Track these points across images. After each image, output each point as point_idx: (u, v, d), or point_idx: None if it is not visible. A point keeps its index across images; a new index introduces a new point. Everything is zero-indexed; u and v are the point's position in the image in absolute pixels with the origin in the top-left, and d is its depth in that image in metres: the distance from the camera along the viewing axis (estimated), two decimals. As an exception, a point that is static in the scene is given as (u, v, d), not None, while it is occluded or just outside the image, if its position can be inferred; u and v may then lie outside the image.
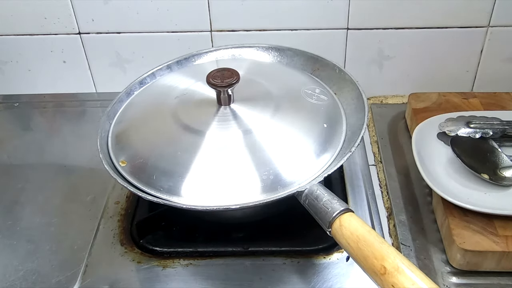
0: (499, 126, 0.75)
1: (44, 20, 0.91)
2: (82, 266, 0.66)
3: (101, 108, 0.96)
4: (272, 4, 0.87)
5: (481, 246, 0.60)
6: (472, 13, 0.86)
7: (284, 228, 0.68)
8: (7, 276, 0.65)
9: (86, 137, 0.87)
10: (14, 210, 0.75)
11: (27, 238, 0.70)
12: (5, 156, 0.87)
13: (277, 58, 0.82)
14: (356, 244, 0.50)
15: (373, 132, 0.88)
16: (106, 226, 0.71)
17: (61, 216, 0.73)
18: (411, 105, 0.85)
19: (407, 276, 0.46)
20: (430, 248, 0.66)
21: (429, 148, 0.74)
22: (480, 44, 0.90)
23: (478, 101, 0.85)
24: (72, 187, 0.79)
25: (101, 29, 0.92)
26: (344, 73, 0.74)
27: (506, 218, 0.63)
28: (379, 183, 0.78)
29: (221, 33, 0.91)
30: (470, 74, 0.94)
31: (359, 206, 0.72)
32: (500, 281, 0.61)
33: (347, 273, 0.63)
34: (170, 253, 0.67)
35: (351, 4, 0.86)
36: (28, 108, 0.98)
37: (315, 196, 0.55)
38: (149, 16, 0.90)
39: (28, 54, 0.96)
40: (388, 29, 0.89)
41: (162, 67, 0.80)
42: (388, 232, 0.70)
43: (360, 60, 0.93)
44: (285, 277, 0.63)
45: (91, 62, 0.97)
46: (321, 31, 0.90)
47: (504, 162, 0.70)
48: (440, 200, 0.67)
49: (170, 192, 0.60)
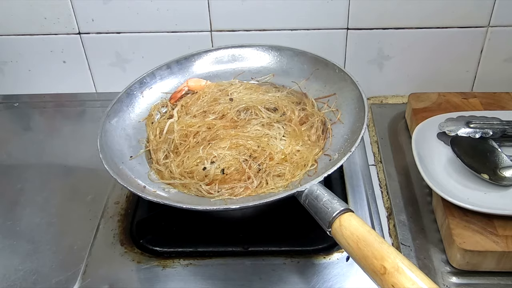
0: (499, 126, 0.75)
1: (44, 20, 0.91)
2: (82, 266, 0.66)
3: (101, 108, 0.96)
4: (272, 4, 0.87)
5: (481, 246, 0.60)
6: (472, 13, 0.86)
7: (284, 228, 0.68)
8: (7, 276, 0.65)
9: (86, 137, 0.87)
10: (14, 210, 0.75)
11: (27, 238, 0.70)
12: (5, 156, 0.87)
13: (277, 58, 0.82)
14: (356, 244, 0.50)
15: (373, 132, 0.88)
16: (106, 226, 0.71)
17: (61, 216, 0.73)
18: (411, 105, 0.85)
19: (407, 276, 0.46)
20: (430, 248, 0.66)
21: (429, 148, 0.74)
22: (480, 44, 0.90)
23: (478, 101, 0.85)
24: (72, 187, 0.79)
25: (101, 29, 0.92)
26: (344, 73, 0.74)
27: (506, 218, 0.63)
28: (379, 183, 0.78)
29: (221, 33, 0.91)
30: (470, 74, 0.94)
31: (359, 206, 0.72)
32: (500, 281, 0.61)
33: (347, 273, 0.63)
34: (170, 253, 0.67)
35: (351, 4, 0.86)
36: (28, 108, 0.98)
37: (315, 196, 0.55)
38: (149, 16, 0.90)
39: (28, 54, 0.96)
40: (388, 29, 0.89)
41: (162, 67, 0.80)
42: (388, 232, 0.70)
43: (360, 60, 0.93)
44: (285, 277, 0.63)
45: (91, 62, 0.97)
46: (321, 31, 0.90)
47: (504, 162, 0.70)
48: (440, 200, 0.67)
49: None
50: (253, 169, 0.64)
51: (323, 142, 0.70)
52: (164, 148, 0.71)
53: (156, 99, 0.79)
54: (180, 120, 0.74)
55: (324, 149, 0.68)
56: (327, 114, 0.74)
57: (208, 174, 0.64)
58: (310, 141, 0.70)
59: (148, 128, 0.75)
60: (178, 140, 0.71)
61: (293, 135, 0.70)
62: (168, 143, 0.71)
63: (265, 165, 0.65)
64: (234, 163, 0.65)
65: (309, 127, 0.72)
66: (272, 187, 0.63)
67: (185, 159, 0.67)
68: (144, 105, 0.78)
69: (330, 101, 0.75)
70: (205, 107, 0.76)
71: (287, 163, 0.65)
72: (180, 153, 0.69)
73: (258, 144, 0.67)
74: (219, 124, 0.72)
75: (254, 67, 0.83)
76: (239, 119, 0.73)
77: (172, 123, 0.74)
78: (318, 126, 0.72)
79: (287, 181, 0.63)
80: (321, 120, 0.73)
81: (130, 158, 0.70)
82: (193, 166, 0.66)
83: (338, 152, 0.66)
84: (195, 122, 0.73)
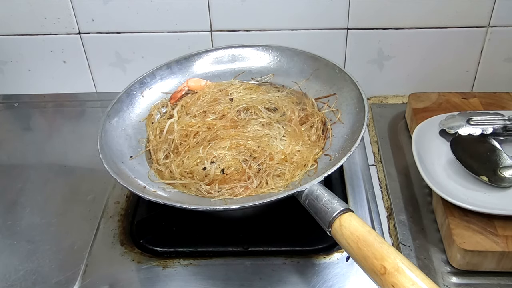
0: (500, 122, 0.74)
1: (44, 20, 0.91)
2: (82, 266, 0.66)
3: (101, 108, 0.96)
4: (272, 4, 0.87)
5: (481, 246, 0.60)
6: (472, 13, 0.86)
7: (284, 228, 0.68)
8: (7, 276, 0.65)
9: (86, 137, 0.87)
10: (14, 210, 0.75)
11: (27, 238, 0.70)
12: (5, 156, 0.87)
13: (277, 58, 0.82)
14: (356, 244, 0.50)
15: (373, 132, 0.88)
16: (106, 226, 0.71)
17: (61, 216, 0.73)
18: (411, 105, 0.85)
19: (407, 276, 0.46)
20: (430, 248, 0.66)
21: (429, 148, 0.74)
22: (480, 44, 0.90)
23: (478, 101, 0.85)
24: (72, 187, 0.79)
25: (101, 29, 0.92)
26: (344, 73, 0.74)
27: (506, 218, 0.63)
28: (379, 183, 0.78)
29: (221, 33, 0.91)
30: (470, 74, 0.94)
31: (359, 206, 0.72)
32: (500, 281, 0.61)
33: (347, 273, 0.63)
34: (170, 253, 0.67)
35: (351, 4, 0.86)
36: (28, 108, 0.98)
37: (315, 196, 0.55)
38: (149, 16, 0.90)
39: (28, 54, 0.96)
40: (388, 29, 0.89)
41: (162, 67, 0.80)
42: (388, 232, 0.70)
43: (360, 60, 0.93)
44: (285, 277, 0.63)
45: (91, 62, 0.97)
46: (321, 31, 0.90)
47: (504, 162, 0.70)
48: (440, 200, 0.66)
49: None
50: (253, 169, 0.64)
51: (323, 142, 0.70)
52: (164, 148, 0.71)
53: (156, 99, 0.79)
54: (180, 120, 0.74)
55: (324, 149, 0.68)
56: (327, 114, 0.74)
57: (208, 174, 0.64)
58: (310, 141, 0.70)
59: (148, 128, 0.75)
60: (178, 140, 0.71)
61: (293, 135, 0.70)
62: (168, 143, 0.71)
63: (265, 165, 0.65)
64: (234, 163, 0.65)
65: (309, 127, 0.72)
66: (272, 187, 0.63)
67: (185, 159, 0.67)
68: (144, 105, 0.78)
69: (330, 101, 0.75)
70: (205, 107, 0.76)
71: (287, 163, 0.65)
72: (180, 153, 0.69)
73: (258, 144, 0.67)
74: (219, 124, 0.71)
75: (254, 67, 0.83)
76: (239, 119, 0.73)
77: (172, 123, 0.74)
78: (318, 126, 0.72)
79: (287, 181, 0.63)
80: (321, 120, 0.73)
81: (130, 158, 0.70)
82: (193, 166, 0.66)
83: (338, 152, 0.66)
84: (195, 122, 0.73)
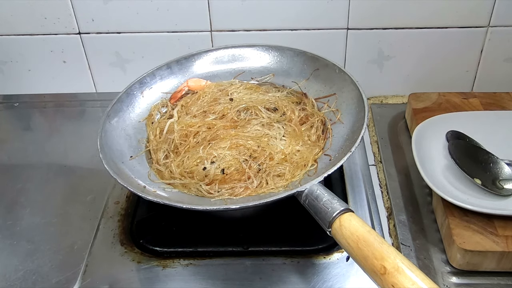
0: None
1: (44, 20, 0.91)
2: (82, 266, 0.66)
3: (101, 108, 0.96)
4: (272, 4, 0.87)
5: (481, 246, 0.60)
6: (472, 13, 0.86)
7: (284, 228, 0.68)
8: (7, 276, 0.65)
9: (86, 137, 0.87)
10: (14, 210, 0.75)
11: (27, 238, 0.70)
12: (5, 156, 0.87)
13: (277, 58, 0.82)
14: (356, 244, 0.50)
15: (373, 132, 0.88)
16: (106, 226, 0.71)
17: (61, 216, 0.73)
18: (411, 105, 0.85)
19: (407, 276, 0.46)
20: (430, 248, 0.66)
21: (429, 148, 0.74)
22: (480, 44, 0.90)
23: (478, 101, 0.85)
24: (72, 187, 0.79)
25: (101, 29, 0.92)
26: (344, 73, 0.74)
27: (506, 218, 0.63)
28: (379, 183, 0.78)
29: (221, 33, 0.91)
30: (470, 74, 0.94)
31: (359, 206, 0.72)
32: (500, 281, 0.61)
33: (347, 273, 0.63)
34: (170, 253, 0.67)
35: (351, 4, 0.86)
36: (28, 108, 0.98)
37: (315, 196, 0.55)
38: (149, 16, 0.90)
39: (28, 54, 0.96)
40: (388, 29, 0.89)
41: (162, 67, 0.80)
42: (388, 232, 0.70)
43: (360, 60, 0.93)
44: (285, 277, 0.63)
45: (91, 62, 0.97)
46: (321, 31, 0.90)
47: (504, 174, 0.68)
48: (440, 200, 0.66)
49: None
50: (253, 169, 0.64)
51: (323, 142, 0.70)
52: (164, 148, 0.71)
53: (156, 99, 0.79)
54: (180, 120, 0.74)
55: (324, 149, 0.68)
56: (327, 114, 0.74)
57: (208, 174, 0.64)
58: (310, 141, 0.70)
59: (148, 128, 0.75)
60: (178, 140, 0.71)
61: (293, 135, 0.70)
62: (168, 143, 0.71)
63: (265, 165, 0.65)
64: (234, 163, 0.65)
65: (309, 127, 0.72)
66: (272, 187, 0.63)
67: (185, 159, 0.67)
68: (144, 105, 0.78)
69: (330, 101, 0.75)
70: (205, 107, 0.76)
71: (287, 163, 0.65)
72: (180, 153, 0.69)
73: (258, 144, 0.67)
74: (219, 124, 0.72)
75: (254, 67, 0.83)
76: (239, 119, 0.73)
77: (172, 123, 0.74)
78: (318, 126, 0.72)
79: (287, 181, 0.63)
80: (321, 120, 0.73)
81: (130, 158, 0.70)
82: (193, 166, 0.66)
83: (338, 152, 0.66)
84: (195, 122, 0.73)
